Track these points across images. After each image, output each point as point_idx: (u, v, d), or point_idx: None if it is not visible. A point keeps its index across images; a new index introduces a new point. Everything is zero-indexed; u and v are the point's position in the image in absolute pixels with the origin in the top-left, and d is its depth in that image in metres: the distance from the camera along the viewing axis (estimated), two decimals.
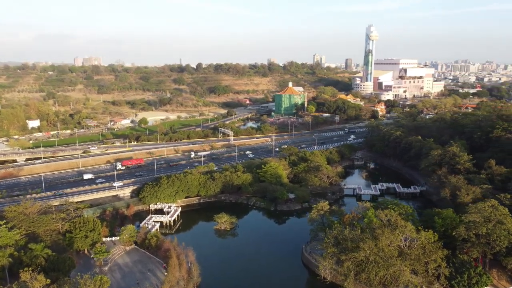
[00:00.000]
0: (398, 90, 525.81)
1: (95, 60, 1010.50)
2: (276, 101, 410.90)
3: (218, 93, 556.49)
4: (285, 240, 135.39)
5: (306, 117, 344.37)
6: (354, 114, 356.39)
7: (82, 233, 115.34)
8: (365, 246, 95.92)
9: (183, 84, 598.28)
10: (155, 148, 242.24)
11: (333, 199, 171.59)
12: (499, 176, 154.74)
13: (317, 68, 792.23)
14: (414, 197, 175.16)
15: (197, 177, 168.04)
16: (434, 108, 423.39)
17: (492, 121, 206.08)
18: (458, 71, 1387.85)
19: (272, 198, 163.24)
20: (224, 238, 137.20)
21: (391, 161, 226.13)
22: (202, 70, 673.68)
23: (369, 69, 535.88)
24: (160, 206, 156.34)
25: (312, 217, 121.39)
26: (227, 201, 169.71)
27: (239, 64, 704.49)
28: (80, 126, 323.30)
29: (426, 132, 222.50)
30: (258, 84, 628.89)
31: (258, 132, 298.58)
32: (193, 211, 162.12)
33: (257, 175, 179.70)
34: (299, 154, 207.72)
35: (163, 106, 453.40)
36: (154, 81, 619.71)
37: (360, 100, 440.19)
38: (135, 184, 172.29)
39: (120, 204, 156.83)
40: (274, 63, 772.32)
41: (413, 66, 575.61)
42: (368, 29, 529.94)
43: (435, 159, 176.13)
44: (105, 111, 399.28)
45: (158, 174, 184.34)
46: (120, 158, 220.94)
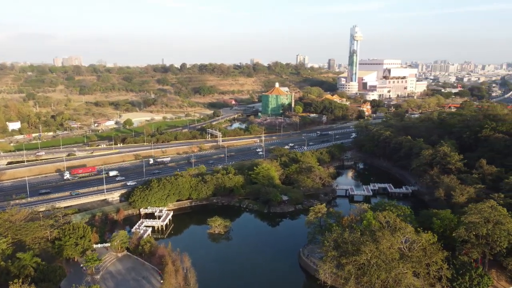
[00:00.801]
0: (382, 90, 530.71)
1: (76, 60, 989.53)
2: (263, 102, 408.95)
3: (203, 93, 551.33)
4: (280, 243, 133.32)
5: (294, 117, 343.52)
6: (341, 114, 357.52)
7: (72, 240, 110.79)
8: (366, 249, 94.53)
9: (167, 85, 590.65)
10: (143, 150, 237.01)
11: (326, 200, 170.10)
12: (490, 175, 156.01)
13: (301, 68, 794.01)
14: (406, 197, 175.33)
15: (188, 179, 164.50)
16: (419, 107, 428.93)
17: (479, 120, 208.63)
18: (438, 71, 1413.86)
19: (265, 200, 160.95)
20: (218, 242, 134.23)
21: (380, 161, 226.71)
22: (186, 70, 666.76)
23: (353, 69, 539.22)
24: (151, 210, 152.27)
25: (310, 219, 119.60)
26: (219, 204, 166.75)
27: (224, 64, 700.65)
28: (63, 128, 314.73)
29: (415, 132, 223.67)
30: (243, 84, 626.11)
31: (246, 133, 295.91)
32: (184, 214, 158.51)
33: (249, 177, 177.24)
34: (290, 155, 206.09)
35: (147, 107, 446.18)
36: (138, 81, 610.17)
37: (346, 100, 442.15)
38: (124, 188, 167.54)
39: (110, 208, 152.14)
40: (259, 63, 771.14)
41: (397, 66, 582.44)
42: (353, 30, 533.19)
43: (426, 159, 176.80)
44: (87, 112, 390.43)
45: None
46: (108, 160, 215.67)
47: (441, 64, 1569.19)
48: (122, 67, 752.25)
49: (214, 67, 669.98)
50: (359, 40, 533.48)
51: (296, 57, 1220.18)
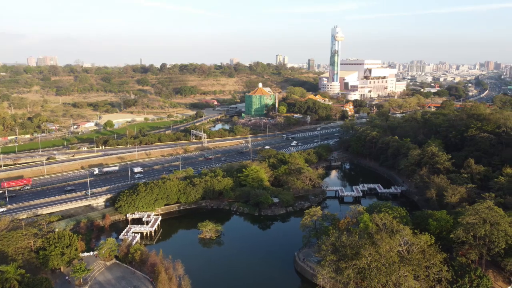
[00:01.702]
0: (363, 90, 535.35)
1: (51, 60, 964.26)
2: (246, 102, 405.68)
3: (184, 94, 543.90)
4: (274, 247, 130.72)
5: (278, 118, 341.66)
6: (324, 114, 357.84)
7: (58, 249, 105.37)
8: (366, 252, 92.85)
9: (147, 85, 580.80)
10: (126, 152, 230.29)
11: (316, 202, 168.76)
12: (478, 174, 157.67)
13: (282, 68, 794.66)
14: (395, 198, 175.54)
15: (176, 183, 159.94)
16: (400, 107, 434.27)
17: (463, 120, 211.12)
18: (415, 71, 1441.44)
19: (255, 203, 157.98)
20: (210, 248, 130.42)
21: (367, 161, 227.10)
22: (166, 70, 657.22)
23: (335, 69, 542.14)
24: (139, 215, 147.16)
25: (305, 222, 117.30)
26: (209, 208, 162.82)
27: (205, 65, 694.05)
28: (41, 130, 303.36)
29: (400, 131, 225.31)
30: (225, 84, 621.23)
31: (231, 134, 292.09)
32: (173, 219, 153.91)
33: (238, 179, 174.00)
34: (278, 156, 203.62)
35: (127, 108, 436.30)
36: (117, 82, 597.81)
37: (328, 100, 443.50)
38: (109, 192, 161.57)
39: (95, 214, 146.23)
40: (240, 63, 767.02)
41: (377, 66, 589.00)
42: (334, 30, 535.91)
43: (414, 159, 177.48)
44: (65, 114, 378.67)
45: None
46: (91, 163, 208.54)
47: (418, 64, 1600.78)
48: (100, 67, 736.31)
49: (195, 67, 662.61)
50: (340, 41, 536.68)
51: (276, 57, 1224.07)
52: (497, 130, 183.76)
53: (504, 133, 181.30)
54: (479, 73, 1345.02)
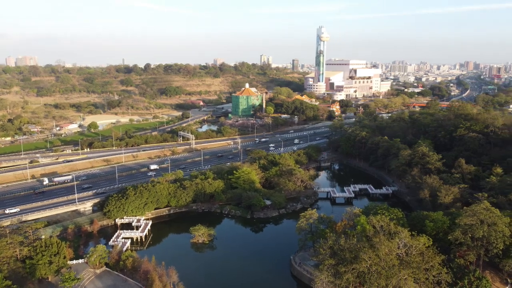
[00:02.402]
0: (349, 90, 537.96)
1: (31, 60, 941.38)
2: (233, 102, 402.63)
3: (169, 94, 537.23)
4: (268, 250, 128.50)
5: (266, 118, 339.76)
6: (312, 114, 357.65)
7: (45, 258, 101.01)
8: (365, 256, 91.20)
9: (131, 86, 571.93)
10: (112, 155, 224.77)
11: (308, 203, 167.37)
12: (469, 174, 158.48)
13: (267, 68, 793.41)
14: (387, 198, 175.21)
15: (166, 186, 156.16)
16: (385, 107, 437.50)
17: (451, 120, 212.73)
18: (397, 71, 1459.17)
19: (247, 205, 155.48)
20: (203, 252, 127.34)
21: (356, 162, 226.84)
22: (151, 70, 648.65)
23: (321, 69, 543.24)
24: (128, 220, 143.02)
25: (301, 226, 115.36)
26: (200, 211, 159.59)
27: (190, 65, 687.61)
28: (22, 132, 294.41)
29: (389, 132, 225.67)
30: (210, 85, 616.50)
31: (219, 135, 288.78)
32: (163, 223, 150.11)
33: (229, 181, 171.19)
34: (268, 157, 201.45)
35: (112, 109, 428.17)
36: (100, 82, 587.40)
37: (315, 100, 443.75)
38: (97, 197, 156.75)
39: (83, 220, 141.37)
40: (225, 63, 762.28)
41: (362, 66, 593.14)
42: (319, 30, 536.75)
43: (405, 160, 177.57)
44: (47, 115, 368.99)
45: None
46: (75, 167, 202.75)
47: (400, 65, 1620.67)
48: (82, 67, 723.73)
49: (179, 68, 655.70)
50: (325, 41, 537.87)
51: (260, 57, 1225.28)
52: (485, 130, 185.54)
53: (492, 133, 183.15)
54: (460, 73, 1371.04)
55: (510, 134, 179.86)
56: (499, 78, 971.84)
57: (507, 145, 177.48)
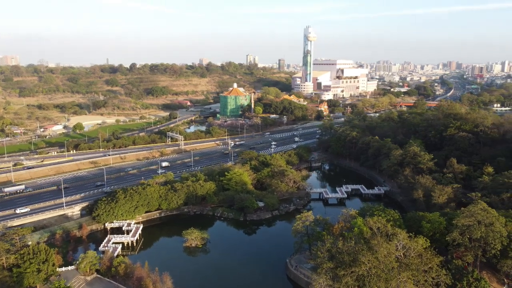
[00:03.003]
0: (336, 90, 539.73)
1: (12, 59, 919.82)
2: (221, 103, 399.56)
3: (155, 94, 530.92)
4: (263, 253, 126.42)
5: (255, 118, 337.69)
6: (301, 114, 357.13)
7: (34, 266, 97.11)
8: (365, 259, 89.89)
9: (116, 86, 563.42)
10: (99, 157, 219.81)
11: (301, 204, 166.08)
12: (461, 174, 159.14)
13: (254, 68, 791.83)
14: (379, 198, 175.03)
15: (157, 189, 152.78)
16: (373, 107, 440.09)
17: (440, 119, 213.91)
18: (382, 71, 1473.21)
19: (240, 207, 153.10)
20: (197, 256, 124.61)
21: (347, 162, 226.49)
22: (136, 70, 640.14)
23: (308, 69, 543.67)
24: (118, 224, 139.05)
25: (297, 228, 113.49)
26: (191, 213, 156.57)
27: (176, 65, 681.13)
28: (5, 134, 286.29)
29: (379, 131, 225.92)
30: (197, 84, 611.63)
31: (207, 136, 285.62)
32: (155, 227, 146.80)
33: (220, 183, 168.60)
34: (259, 158, 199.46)
35: (97, 110, 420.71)
36: (84, 82, 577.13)
37: (303, 100, 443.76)
38: (85, 200, 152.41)
39: (71, 225, 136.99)
40: (212, 63, 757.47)
41: (349, 66, 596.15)
42: (306, 30, 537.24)
43: (397, 159, 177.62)
44: (31, 116, 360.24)
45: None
46: (61, 170, 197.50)
47: (384, 65, 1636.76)
48: (65, 67, 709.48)
49: (166, 67, 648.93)
50: (313, 41, 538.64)
51: (246, 57, 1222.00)
52: (475, 130, 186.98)
53: (481, 132, 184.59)
54: (443, 73, 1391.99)
55: (499, 133, 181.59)
56: (481, 77, 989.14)
57: (496, 144, 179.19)
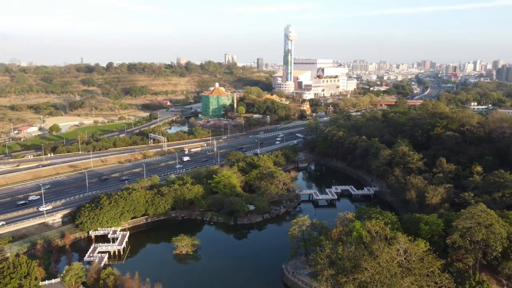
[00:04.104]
0: (317, 89, 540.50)
1: None
2: (203, 103, 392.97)
3: (134, 94, 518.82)
4: (257, 258, 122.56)
5: (238, 118, 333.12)
6: (284, 114, 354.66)
7: (15, 281, 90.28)
8: (368, 265, 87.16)
9: (93, 85, 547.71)
10: (79, 160, 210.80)
11: (292, 206, 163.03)
12: (450, 173, 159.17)
13: (233, 67, 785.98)
14: (369, 199, 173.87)
15: (143, 193, 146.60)
16: (354, 106, 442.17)
17: (426, 119, 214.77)
18: (359, 70, 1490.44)
19: (230, 211, 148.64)
20: (188, 264, 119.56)
21: (334, 162, 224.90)
22: (113, 70, 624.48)
23: (289, 68, 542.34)
24: (103, 231, 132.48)
25: (293, 233, 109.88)
26: (179, 218, 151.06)
27: (154, 64, 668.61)
28: None
29: (365, 131, 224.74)
30: (177, 84, 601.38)
31: (190, 136, 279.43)
32: (141, 233, 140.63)
33: (208, 186, 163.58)
34: (247, 159, 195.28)
35: (74, 110, 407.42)
36: (59, 82, 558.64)
37: (285, 100, 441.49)
38: (67, 207, 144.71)
39: (52, 233, 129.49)
40: (191, 62, 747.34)
41: (330, 65, 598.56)
42: (287, 29, 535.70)
43: (386, 159, 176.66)
44: (3, 118, 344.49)
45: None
46: (39, 174, 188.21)
47: (361, 64, 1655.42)
48: (39, 66, 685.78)
49: (144, 67, 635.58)
50: (293, 40, 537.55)
51: (225, 56, 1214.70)
52: (461, 129, 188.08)
53: (468, 131, 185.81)
54: (418, 72, 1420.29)
55: (484, 132, 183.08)
56: (455, 76, 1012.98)
57: (483, 143, 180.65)
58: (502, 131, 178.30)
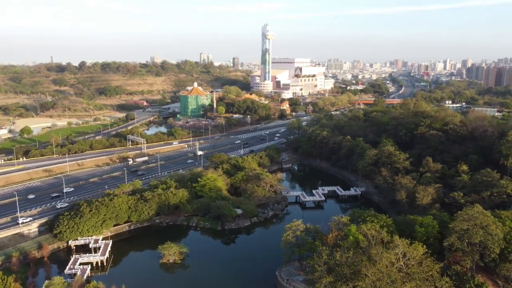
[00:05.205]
0: (295, 88, 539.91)
1: None
2: (181, 103, 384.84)
3: (109, 94, 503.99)
4: (248, 264, 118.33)
5: (218, 119, 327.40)
6: (264, 114, 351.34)
7: None
8: (368, 271, 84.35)
9: (65, 85, 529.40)
10: (54, 164, 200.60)
11: (280, 209, 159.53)
12: (437, 173, 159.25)
13: (210, 67, 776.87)
14: (356, 199, 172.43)
15: (125, 199, 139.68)
16: (333, 105, 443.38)
17: (408, 118, 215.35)
18: (334, 69, 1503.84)
19: (216, 216, 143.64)
20: (176, 273, 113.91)
21: (318, 162, 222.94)
22: (86, 69, 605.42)
23: (267, 68, 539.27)
24: (84, 241, 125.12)
25: (287, 239, 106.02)
26: (164, 224, 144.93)
27: (129, 63, 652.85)
28: None
29: (349, 131, 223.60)
30: (153, 84, 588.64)
31: (170, 138, 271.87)
32: (124, 241, 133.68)
33: (193, 190, 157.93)
34: (231, 161, 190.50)
35: (45, 111, 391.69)
36: (28, 82, 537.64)
37: (264, 99, 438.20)
38: (44, 215, 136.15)
39: (29, 245, 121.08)
40: (167, 61, 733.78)
41: (307, 65, 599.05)
42: (264, 28, 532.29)
43: (372, 159, 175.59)
44: None
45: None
46: (11, 180, 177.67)
47: (335, 63, 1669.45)
48: (6, 66, 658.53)
49: (118, 66, 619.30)
50: (271, 39, 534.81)
51: (200, 55, 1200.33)
52: (445, 128, 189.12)
53: (451, 130, 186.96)
54: (391, 71, 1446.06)
55: (467, 131, 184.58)
56: (428, 75, 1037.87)
57: (466, 141, 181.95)
58: (484, 129, 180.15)
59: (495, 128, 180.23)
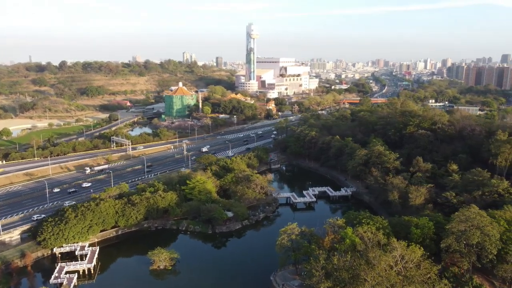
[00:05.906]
0: (280, 88, 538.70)
1: None
2: (166, 103, 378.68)
3: (90, 94, 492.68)
4: (241, 269, 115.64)
5: (204, 119, 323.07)
6: (250, 114, 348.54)
7: None
8: (368, 276, 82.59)
9: (45, 86, 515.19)
10: (36, 167, 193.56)
11: (271, 211, 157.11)
12: (427, 172, 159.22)
13: (194, 66, 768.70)
14: (346, 200, 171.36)
15: (112, 204, 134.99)
16: (318, 104, 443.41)
17: (396, 117, 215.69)
18: (317, 68, 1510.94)
19: (207, 219, 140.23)
20: (167, 280, 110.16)
21: (307, 162, 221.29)
22: (67, 69, 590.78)
23: (251, 67, 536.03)
24: (69, 248, 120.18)
25: (282, 243, 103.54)
26: (153, 229, 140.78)
27: (111, 63, 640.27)
28: None
29: (338, 131, 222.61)
30: (136, 84, 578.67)
31: (156, 139, 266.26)
32: (112, 247, 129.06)
33: (182, 192, 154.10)
34: (219, 163, 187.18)
35: (25, 112, 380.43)
36: (6, 82, 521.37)
37: (250, 99, 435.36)
38: (26, 222, 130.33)
39: (11, 253, 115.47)
40: (151, 61, 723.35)
41: (292, 64, 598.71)
42: (249, 28, 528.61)
43: (362, 159, 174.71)
44: None
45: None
46: None
47: (318, 62, 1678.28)
48: None
49: (100, 66, 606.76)
50: (255, 38, 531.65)
51: (183, 55, 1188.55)
52: (433, 127, 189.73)
53: (439, 130, 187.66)
54: (373, 70, 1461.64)
55: (455, 130, 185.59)
56: (409, 74, 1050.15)
57: (454, 141, 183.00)
58: (471, 128, 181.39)
59: (482, 127, 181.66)
